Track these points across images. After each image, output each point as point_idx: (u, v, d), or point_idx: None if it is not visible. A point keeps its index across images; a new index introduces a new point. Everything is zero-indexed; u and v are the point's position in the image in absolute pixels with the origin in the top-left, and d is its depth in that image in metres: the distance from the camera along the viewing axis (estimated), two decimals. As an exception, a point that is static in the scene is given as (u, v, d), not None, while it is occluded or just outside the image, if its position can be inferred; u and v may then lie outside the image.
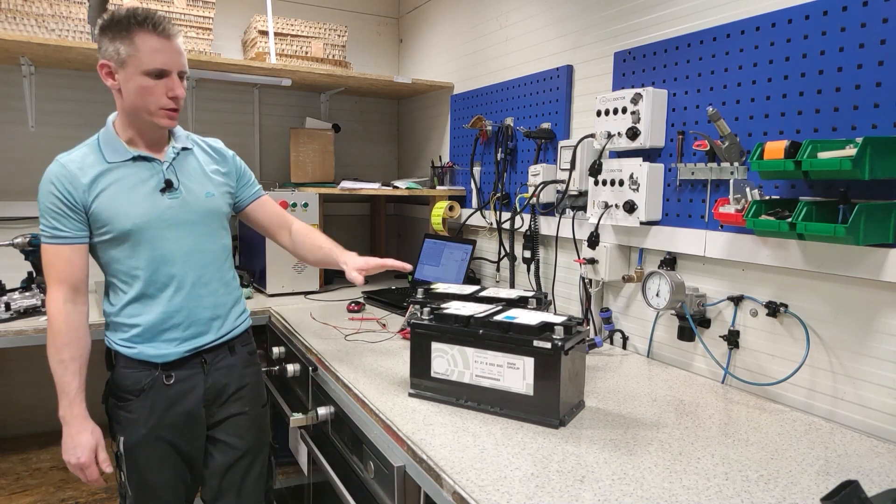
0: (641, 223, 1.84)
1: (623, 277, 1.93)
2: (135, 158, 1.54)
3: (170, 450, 1.61)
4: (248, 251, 2.88)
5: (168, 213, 1.55)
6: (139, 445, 1.58)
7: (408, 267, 1.64)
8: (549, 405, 1.32)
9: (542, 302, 1.68)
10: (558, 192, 2.19)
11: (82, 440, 1.51)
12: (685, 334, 1.79)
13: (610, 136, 1.89)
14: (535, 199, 2.26)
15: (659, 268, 1.81)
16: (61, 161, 1.50)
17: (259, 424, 1.76)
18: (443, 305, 1.54)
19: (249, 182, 1.80)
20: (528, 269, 2.41)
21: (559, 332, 1.32)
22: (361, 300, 2.54)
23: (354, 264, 1.66)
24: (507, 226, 2.55)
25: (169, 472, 1.61)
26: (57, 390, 1.49)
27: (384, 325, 2.20)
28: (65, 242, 1.49)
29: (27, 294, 2.24)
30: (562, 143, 2.17)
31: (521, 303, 1.66)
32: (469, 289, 1.81)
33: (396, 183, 2.99)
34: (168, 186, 1.55)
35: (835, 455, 1.23)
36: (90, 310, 2.24)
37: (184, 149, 1.63)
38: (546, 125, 2.35)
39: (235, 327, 1.71)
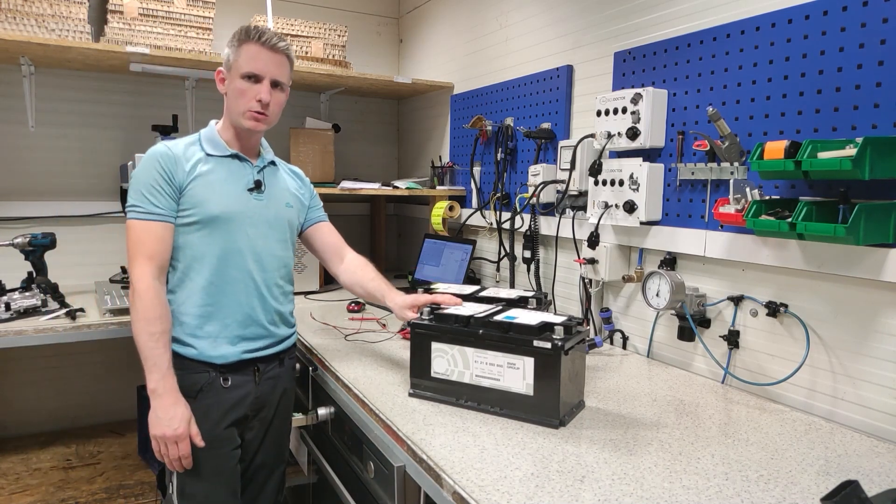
0: (641, 223, 1.84)
1: (623, 277, 1.93)
2: (232, 156, 1.63)
3: (224, 458, 1.58)
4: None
5: (251, 211, 1.62)
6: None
7: (459, 301, 1.58)
8: (549, 405, 1.32)
9: (542, 302, 1.68)
10: (558, 192, 2.19)
11: (178, 411, 1.47)
12: (685, 334, 1.79)
13: (610, 136, 1.89)
14: (535, 199, 2.26)
15: (659, 268, 1.81)
16: (167, 144, 1.58)
17: (284, 440, 1.79)
18: (443, 305, 1.54)
19: (316, 206, 1.87)
20: (528, 269, 2.41)
21: (559, 332, 1.32)
22: (361, 300, 2.54)
23: (403, 303, 1.64)
24: (507, 226, 2.55)
25: (222, 485, 1.58)
26: (146, 364, 1.47)
27: (384, 325, 2.20)
28: (158, 219, 1.52)
29: (27, 294, 2.24)
30: (562, 143, 2.17)
31: (521, 303, 1.66)
32: (469, 289, 1.81)
33: (396, 183, 2.99)
34: (256, 186, 1.64)
35: (835, 455, 1.23)
36: (93, 310, 2.26)
37: (271, 163, 1.73)
38: (546, 125, 2.35)
39: (288, 338, 1.74)
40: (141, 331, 1.47)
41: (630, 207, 1.84)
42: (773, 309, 1.54)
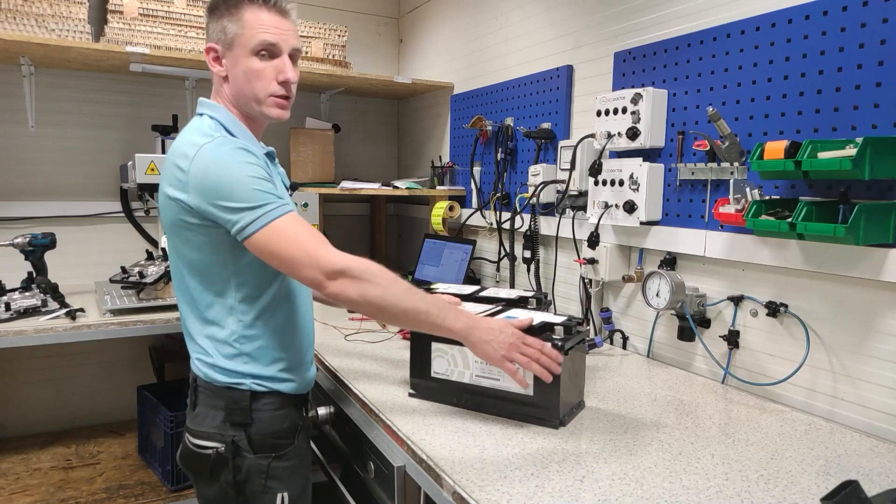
0: (641, 223, 1.84)
1: (623, 277, 1.93)
2: (266, 154, 1.38)
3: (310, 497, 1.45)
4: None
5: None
6: (304, 498, 1.38)
7: (459, 302, 1.49)
8: (549, 405, 1.32)
9: (542, 302, 1.68)
10: (558, 192, 2.19)
11: (499, 322, 1.25)
12: (685, 334, 1.79)
13: (610, 136, 1.89)
14: (535, 199, 2.26)
15: (659, 268, 1.81)
16: (225, 136, 1.26)
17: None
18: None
19: None
20: (528, 269, 2.41)
21: (559, 332, 1.32)
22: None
23: None
24: (507, 226, 2.55)
25: None
26: (432, 321, 1.21)
27: (384, 325, 2.19)
28: (295, 209, 1.26)
29: (27, 294, 2.24)
30: (562, 143, 2.17)
31: (521, 303, 1.66)
32: (469, 289, 1.81)
33: (396, 183, 2.99)
34: (293, 189, 1.43)
35: (835, 455, 1.23)
36: (93, 310, 2.26)
37: None
38: (546, 125, 2.35)
39: None
40: (399, 297, 1.19)
41: (630, 207, 1.84)
42: (773, 309, 1.54)
